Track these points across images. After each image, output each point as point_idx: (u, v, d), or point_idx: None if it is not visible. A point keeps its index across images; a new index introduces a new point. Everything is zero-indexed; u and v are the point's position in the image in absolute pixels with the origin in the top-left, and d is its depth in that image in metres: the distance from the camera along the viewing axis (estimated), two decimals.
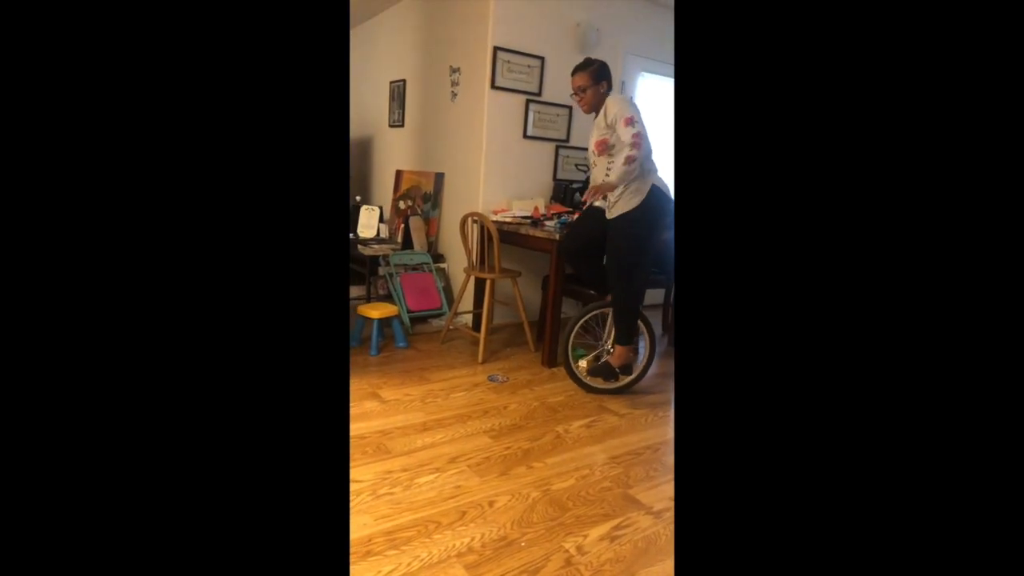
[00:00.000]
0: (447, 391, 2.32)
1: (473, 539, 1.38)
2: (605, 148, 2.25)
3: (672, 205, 2.27)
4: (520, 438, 1.95)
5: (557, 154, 3.40)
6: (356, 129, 4.78)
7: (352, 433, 1.89)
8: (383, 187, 4.36)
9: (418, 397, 2.23)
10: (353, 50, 4.90)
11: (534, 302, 3.35)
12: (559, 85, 3.26)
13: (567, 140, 3.41)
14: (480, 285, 3.08)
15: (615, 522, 1.50)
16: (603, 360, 2.41)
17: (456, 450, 1.83)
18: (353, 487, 1.57)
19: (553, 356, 2.71)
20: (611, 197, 2.26)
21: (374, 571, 1.24)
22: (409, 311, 3.07)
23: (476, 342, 2.80)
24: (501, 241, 2.75)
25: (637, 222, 2.20)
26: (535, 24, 3.12)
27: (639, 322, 2.42)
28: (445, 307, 3.22)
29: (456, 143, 3.38)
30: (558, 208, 3.08)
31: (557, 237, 2.59)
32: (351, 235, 3.72)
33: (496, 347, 2.93)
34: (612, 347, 2.41)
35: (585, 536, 1.43)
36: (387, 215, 3.90)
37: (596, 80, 2.25)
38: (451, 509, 1.50)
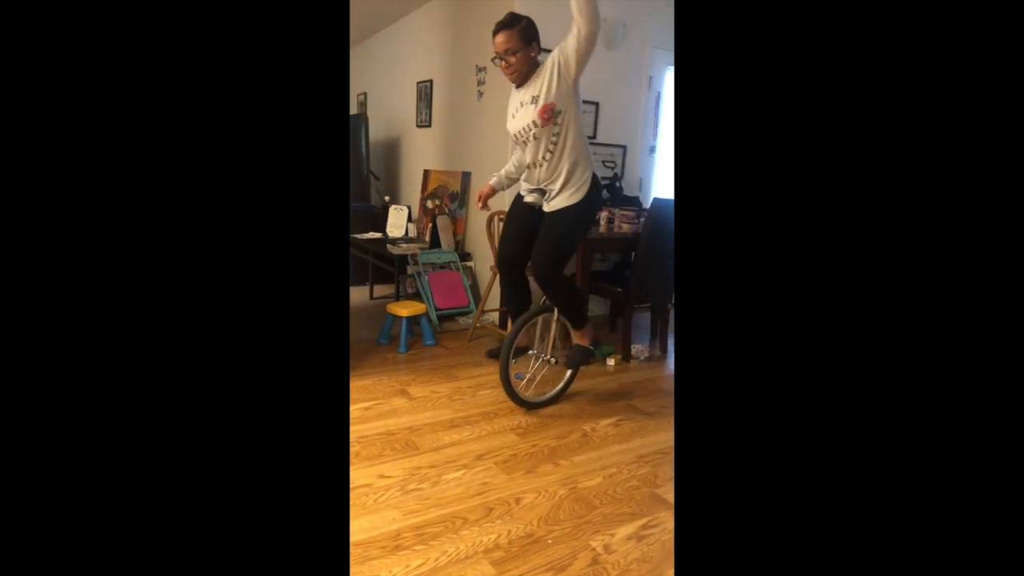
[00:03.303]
0: (474, 388, 2.33)
1: (500, 535, 1.39)
2: (552, 116, 1.81)
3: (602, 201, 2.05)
4: (547, 436, 1.95)
5: None
6: (385, 130, 4.85)
7: (381, 430, 1.92)
8: (411, 187, 4.41)
9: (446, 394, 2.26)
10: (380, 52, 4.97)
11: None
12: (585, 82, 3.24)
13: (594, 136, 3.38)
14: None
15: (643, 521, 1.49)
16: (573, 345, 2.16)
17: (483, 447, 1.84)
18: (382, 482, 1.60)
19: None
20: (552, 190, 1.93)
21: (403, 565, 1.26)
22: (437, 309, 3.10)
23: (502, 340, 2.81)
24: None
25: (583, 212, 1.93)
26: (560, 21, 3.10)
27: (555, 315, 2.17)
28: (472, 305, 3.24)
29: (482, 142, 3.39)
30: None
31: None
32: (380, 234, 3.78)
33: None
34: (552, 357, 2.22)
35: (612, 535, 1.42)
36: (415, 215, 3.94)
37: (526, 41, 1.81)
38: (478, 505, 1.51)
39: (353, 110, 5.52)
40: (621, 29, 3.24)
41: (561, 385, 2.26)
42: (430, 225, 3.54)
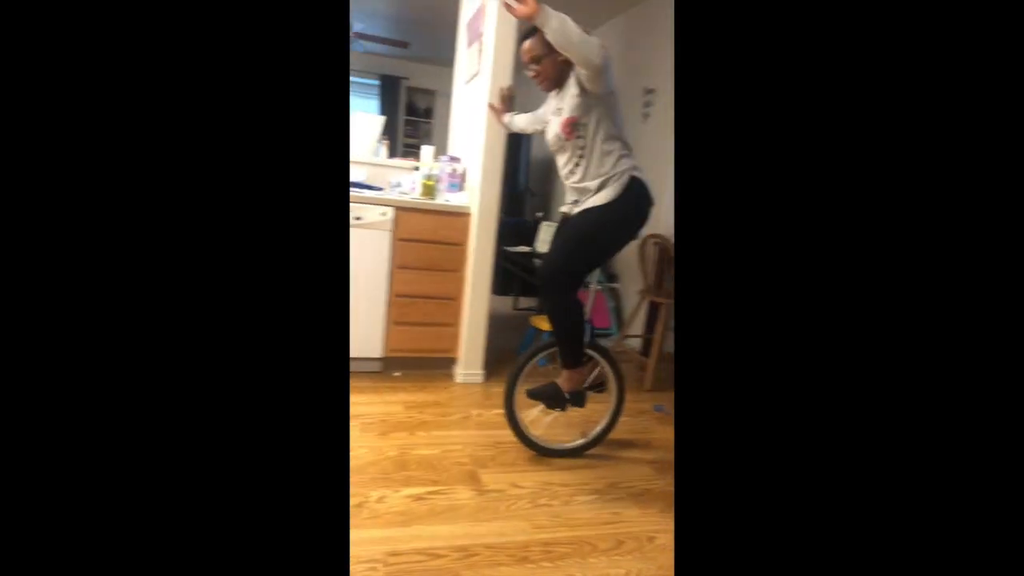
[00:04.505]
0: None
1: (629, 572, 1.32)
2: (573, 130, 1.65)
3: (649, 207, 1.74)
4: None
5: None
6: (547, 147, 4.99)
7: (515, 439, 1.95)
8: None
9: (581, 413, 2.23)
10: None
11: None
12: None
13: None
14: (654, 309, 2.98)
15: None
16: (551, 382, 1.80)
17: (617, 475, 1.78)
18: (514, 491, 1.62)
19: None
20: (585, 193, 1.72)
21: None
22: None
23: (643, 367, 2.71)
24: None
25: (612, 214, 1.65)
26: None
27: (602, 358, 1.88)
28: (614, 328, 3.18)
29: (642, 163, 3.33)
30: None
31: None
32: (530, 248, 3.88)
33: (665, 376, 2.80)
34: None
35: None
36: None
37: (551, 46, 1.57)
38: (608, 535, 1.46)
39: None
40: None
41: (589, 437, 1.91)
42: None
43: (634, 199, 1.69)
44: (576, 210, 1.74)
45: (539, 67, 1.68)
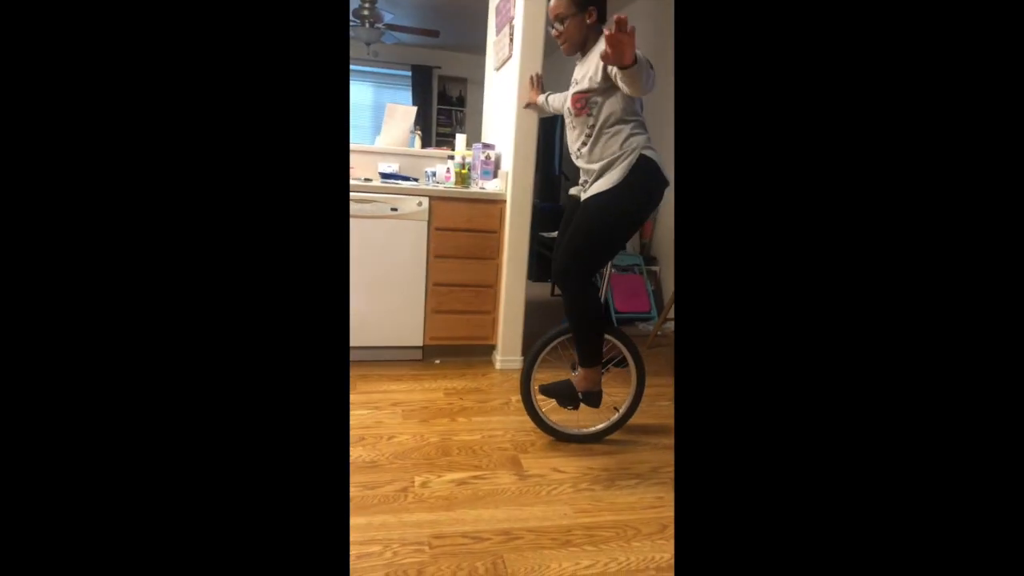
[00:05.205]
0: (651, 397, 2.25)
1: (673, 557, 1.31)
2: (585, 105, 1.58)
3: (662, 187, 1.61)
4: None
5: None
6: None
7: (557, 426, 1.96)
8: None
9: (622, 399, 2.21)
10: None
11: None
12: None
13: None
14: None
15: None
16: (565, 380, 1.76)
17: (658, 459, 1.77)
18: (555, 476, 1.63)
19: None
20: (590, 179, 1.64)
21: (572, 561, 1.27)
22: (616, 312, 3.06)
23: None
24: None
25: (619, 198, 1.56)
26: None
27: (620, 343, 1.81)
28: (653, 312, 3.13)
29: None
30: None
31: None
32: None
33: None
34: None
35: None
36: None
37: (579, 5, 1.55)
38: (651, 519, 1.45)
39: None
40: None
41: (609, 423, 1.88)
42: None
43: (642, 180, 1.57)
44: (584, 195, 1.66)
45: (563, 27, 1.59)
